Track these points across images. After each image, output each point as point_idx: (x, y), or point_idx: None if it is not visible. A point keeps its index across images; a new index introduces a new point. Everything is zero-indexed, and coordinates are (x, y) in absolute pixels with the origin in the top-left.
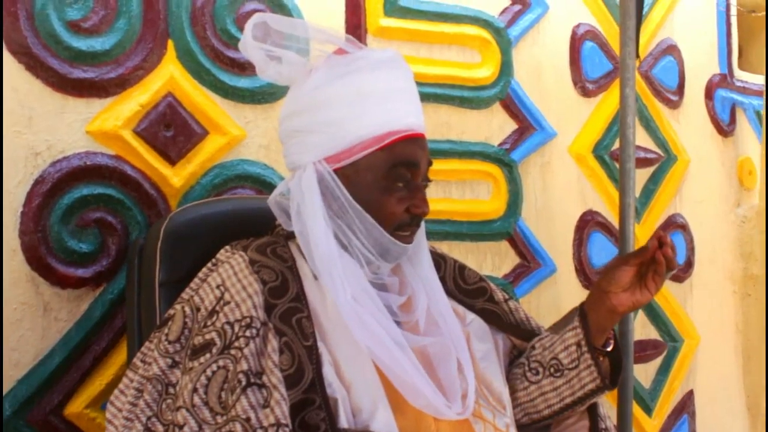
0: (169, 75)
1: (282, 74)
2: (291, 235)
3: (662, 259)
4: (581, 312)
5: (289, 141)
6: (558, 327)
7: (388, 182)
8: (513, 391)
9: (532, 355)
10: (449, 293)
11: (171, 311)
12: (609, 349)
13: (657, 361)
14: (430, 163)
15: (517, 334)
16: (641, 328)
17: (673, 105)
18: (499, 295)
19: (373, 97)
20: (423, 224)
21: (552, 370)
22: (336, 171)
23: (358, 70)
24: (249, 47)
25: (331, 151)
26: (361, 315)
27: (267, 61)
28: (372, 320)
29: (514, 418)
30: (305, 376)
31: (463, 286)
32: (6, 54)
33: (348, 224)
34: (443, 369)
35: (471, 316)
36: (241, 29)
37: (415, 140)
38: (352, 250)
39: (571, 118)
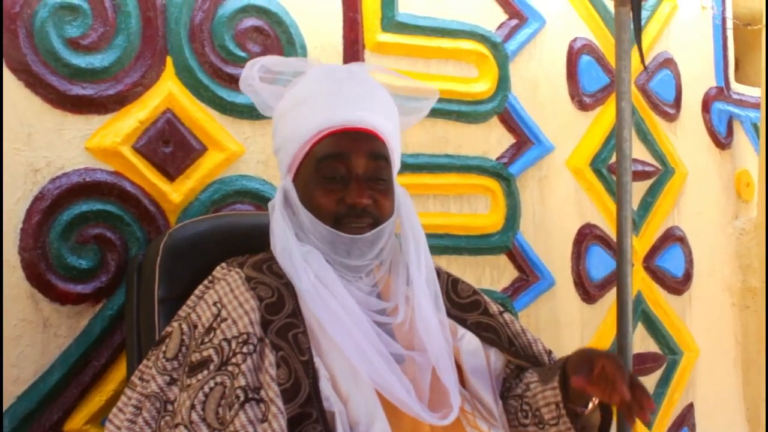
0: (168, 91)
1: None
2: None
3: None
4: (563, 371)
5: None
6: (545, 375)
7: (318, 176)
8: (508, 423)
9: (525, 396)
10: None
11: (168, 329)
12: (587, 410)
13: (656, 374)
14: (379, 157)
15: (512, 353)
16: (640, 341)
17: (670, 118)
18: (494, 308)
19: (308, 103)
20: (386, 232)
21: (536, 420)
22: (294, 179)
23: (295, 84)
24: (257, 88)
25: (289, 161)
26: (324, 297)
27: (273, 98)
28: (335, 303)
29: (507, 429)
30: (302, 390)
31: (457, 300)
32: (5, 71)
33: (301, 225)
34: (419, 378)
35: (462, 332)
36: (239, 46)
37: (346, 133)
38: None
39: (569, 131)
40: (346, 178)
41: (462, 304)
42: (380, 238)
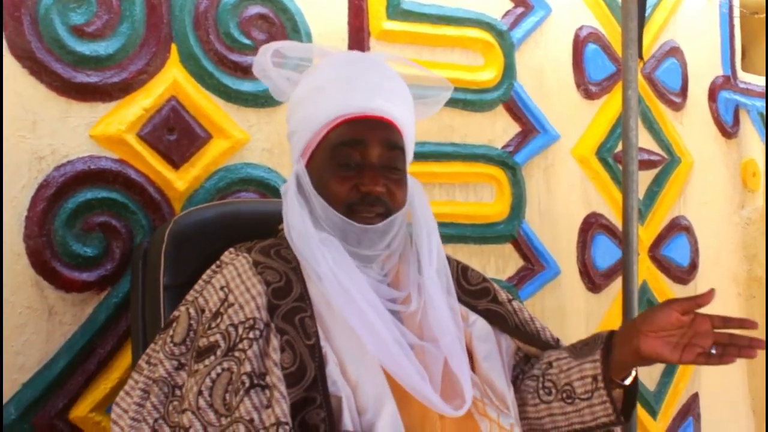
0: (173, 79)
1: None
2: None
3: (707, 331)
4: (606, 344)
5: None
6: (580, 351)
7: (332, 163)
8: (523, 404)
9: (547, 374)
10: None
11: (176, 313)
12: (627, 383)
13: (662, 364)
14: (394, 147)
15: (520, 336)
16: None
17: (677, 107)
18: (503, 295)
19: (326, 89)
20: (397, 223)
21: (564, 395)
22: (307, 164)
23: (317, 68)
24: (271, 74)
25: (303, 147)
26: (342, 283)
27: (287, 83)
28: (353, 289)
29: (518, 419)
30: (307, 374)
31: (467, 287)
32: (10, 58)
33: (312, 211)
34: (431, 368)
35: (474, 317)
36: (244, 33)
37: (364, 121)
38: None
39: (575, 120)
40: (361, 165)
41: (472, 291)
42: (391, 229)
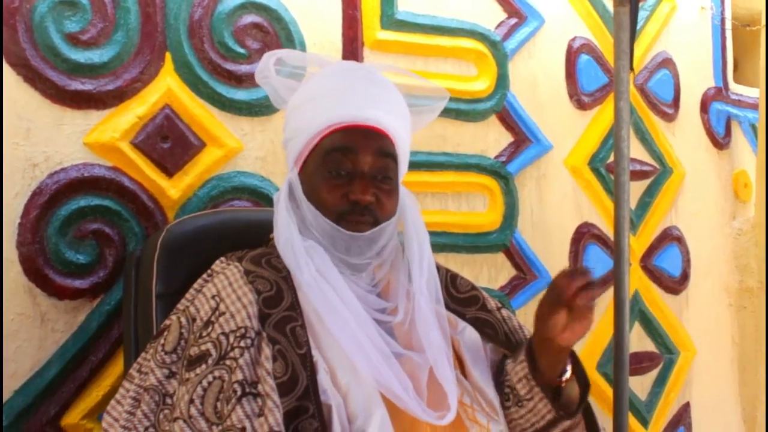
0: (167, 87)
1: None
2: None
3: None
4: (528, 346)
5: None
6: (516, 352)
7: (323, 170)
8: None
9: (505, 380)
10: None
11: (167, 322)
12: (565, 378)
13: (653, 373)
14: (386, 155)
15: (508, 345)
16: (637, 341)
17: (669, 118)
18: (492, 303)
19: (321, 98)
20: (386, 232)
21: (515, 399)
22: (300, 172)
23: (313, 77)
24: (272, 81)
25: (296, 154)
26: (324, 291)
27: (285, 90)
28: (335, 297)
29: (507, 426)
30: (299, 384)
31: (455, 295)
32: (4, 66)
33: (303, 218)
34: (417, 377)
35: (462, 325)
36: (238, 42)
37: (356, 130)
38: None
39: (567, 130)
40: (352, 174)
41: (460, 298)
42: (380, 237)
